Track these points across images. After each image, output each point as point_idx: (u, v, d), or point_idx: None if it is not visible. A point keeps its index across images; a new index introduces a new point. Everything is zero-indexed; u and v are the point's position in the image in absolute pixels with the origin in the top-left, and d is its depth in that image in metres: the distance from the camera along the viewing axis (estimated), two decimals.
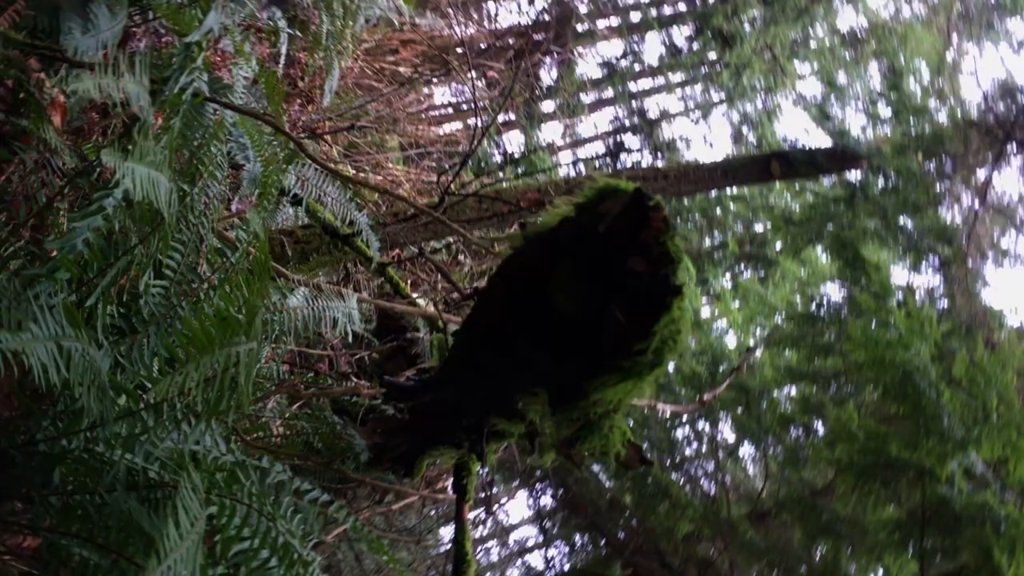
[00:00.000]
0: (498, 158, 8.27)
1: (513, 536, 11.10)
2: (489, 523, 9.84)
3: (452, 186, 5.22)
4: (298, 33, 4.83)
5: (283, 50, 5.27)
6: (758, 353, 7.11)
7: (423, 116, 7.44)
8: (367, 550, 2.96)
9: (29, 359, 1.71)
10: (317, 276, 5.94)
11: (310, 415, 4.04)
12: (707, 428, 7.57)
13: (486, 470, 4.09)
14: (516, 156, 8.30)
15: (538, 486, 8.16)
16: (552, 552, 8.65)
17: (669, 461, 7.35)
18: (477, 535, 9.88)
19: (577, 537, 7.82)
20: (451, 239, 6.52)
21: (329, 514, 2.83)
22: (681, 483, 7.20)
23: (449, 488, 4.12)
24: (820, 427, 7.03)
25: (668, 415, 5.88)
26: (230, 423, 2.64)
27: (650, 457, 2.03)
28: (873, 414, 5.81)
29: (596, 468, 6.95)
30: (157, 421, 2.10)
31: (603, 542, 7.06)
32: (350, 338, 3.73)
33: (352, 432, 3.92)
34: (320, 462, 4.24)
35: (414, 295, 6.67)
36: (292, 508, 2.91)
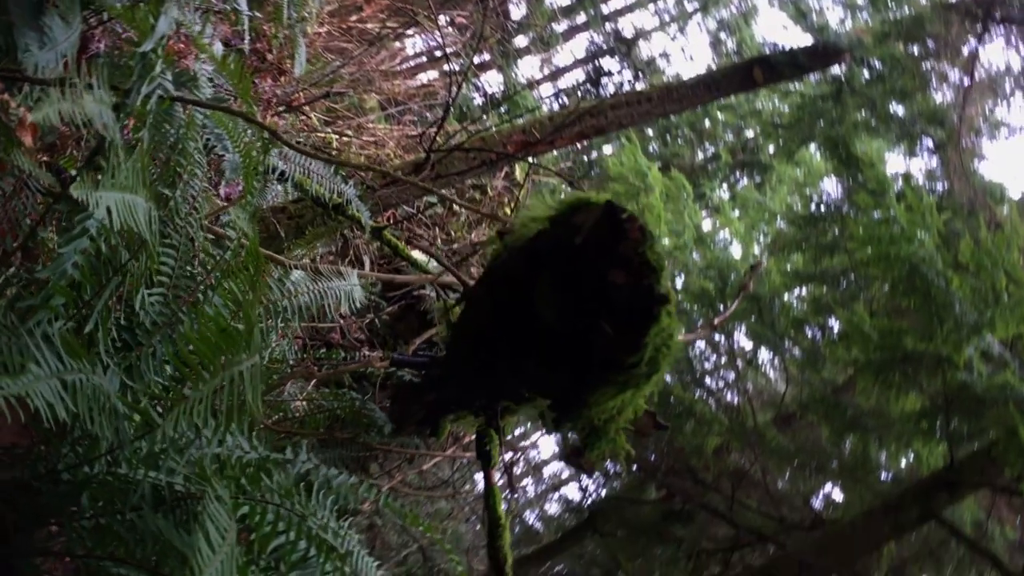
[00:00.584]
0: (479, 101, 8.19)
1: (547, 471, 11.25)
2: (521, 462, 9.96)
3: (437, 139, 5.17)
4: (257, 15, 4.74)
5: (245, 27, 5.20)
6: (764, 261, 7.08)
7: (398, 71, 7.35)
8: (403, 521, 2.99)
9: (34, 400, 1.72)
10: (315, 249, 5.94)
11: (329, 392, 4.07)
12: (723, 340, 7.59)
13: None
14: (497, 97, 8.21)
15: None
16: (587, 482, 8.77)
17: (689, 378, 7.38)
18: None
19: (609, 465, 7.91)
20: (445, 191, 6.48)
21: (360, 494, 2.86)
22: (704, 398, 7.24)
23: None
24: (835, 323, 7.05)
25: (686, 339, 5.88)
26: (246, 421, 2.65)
27: (664, 422, 2.03)
28: (884, 310, 5.81)
29: None
30: (174, 436, 2.12)
31: (635, 467, 7.13)
32: (358, 304, 3.74)
33: (372, 406, 3.95)
34: (345, 436, 4.28)
35: (413, 253, 6.66)
36: (324, 490, 2.94)
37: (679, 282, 7.55)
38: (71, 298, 2.34)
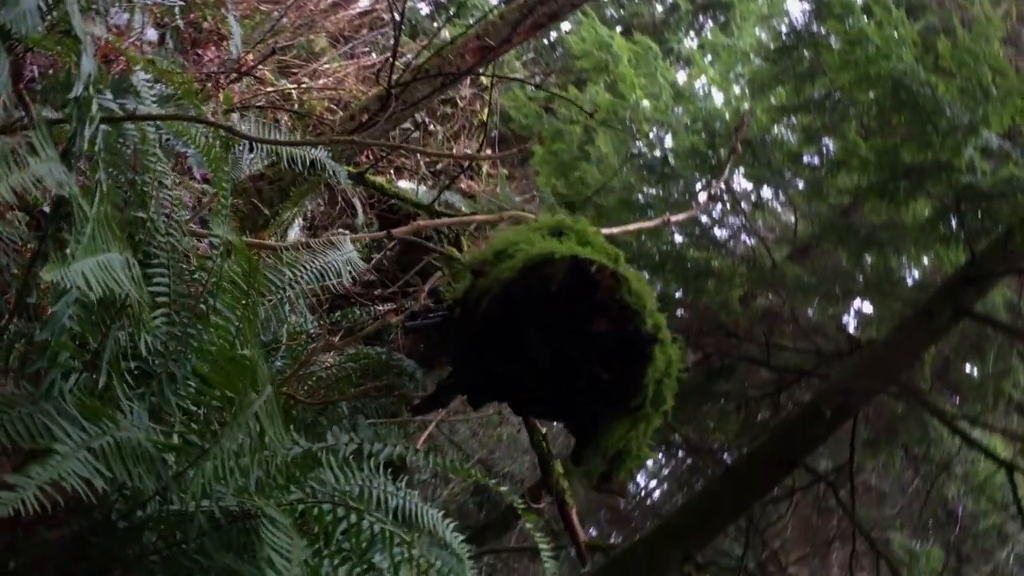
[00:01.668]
0: (426, 10, 7.98)
1: None
2: None
3: (395, 65, 5.06)
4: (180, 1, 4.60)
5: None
6: (746, 104, 6.97)
7: (337, 3, 7.14)
8: (449, 471, 3.04)
9: (68, 481, 1.73)
10: (304, 207, 5.89)
11: (354, 354, 4.10)
12: (723, 188, 7.53)
13: None
14: (444, 2, 7.99)
15: None
16: None
17: (699, 234, 7.35)
18: None
19: None
20: (416, 116, 6.38)
21: (409, 461, 2.91)
22: (719, 252, 7.22)
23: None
24: (830, 145, 6.97)
25: (681, 221, 5.84)
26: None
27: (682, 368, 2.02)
28: (877, 130, 5.73)
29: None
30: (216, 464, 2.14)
31: None
32: (358, 270, 3.72)
33: (398, 356, 3.99)
34: (379, 385, 4.33)
35: (400, 183, 6.61)
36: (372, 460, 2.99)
37: (667, 142, 7.47)
38: (76, 352, 2.35)
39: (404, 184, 6.59)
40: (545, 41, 8.80)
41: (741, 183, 7.78)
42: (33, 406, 2.14)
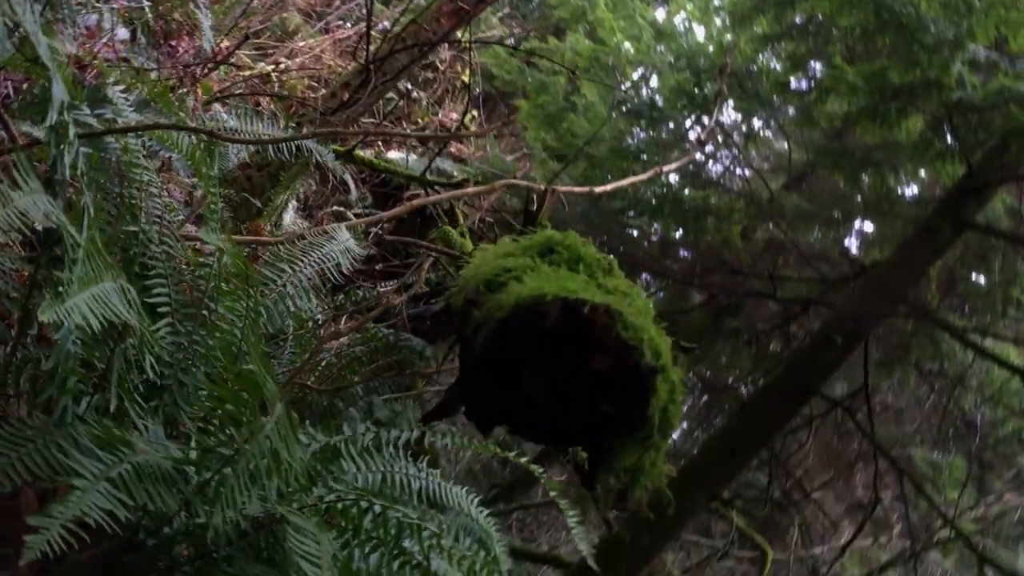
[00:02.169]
0: None
1: None
2: None
3: (372, 36, 5.01)
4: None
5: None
6: (728, 36, 6.87)
7: None
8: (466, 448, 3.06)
9: (91, 514, 1.75)
10: (296, 190, 5.86)
11: (361, 337, 4.11)
12: (712, 122, 7.46)
13: None
14: None
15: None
16: None
17: (694, 173, 7.30)
18: None
19: (643, 276, 7.96)
20: (399, 85, 6.31)
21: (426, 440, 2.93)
22: (715, 188, 7.18)
23: None
24: (817, 69, 6.89)
25: (673, 169, 5.78)
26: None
27: (688, 344, 1.99)
28: (863, 54, 5.66)
29: (630, 219, 6.98)
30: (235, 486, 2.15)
31: (669, 281, 7.19)
32: (357, 257, 3.71)
33: (405, 336, 4.00)
34: (389, 363, 4.35)
35: (390, 154, 6.57)
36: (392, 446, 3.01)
37: (653, 82, 7.40)
38: (84, 376, 2.35)
39: (393, 154, 6.55)
40: None
41: (731, 115, 7.72)
42: (48, 436, 2.15)
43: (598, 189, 4.07)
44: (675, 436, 11.84)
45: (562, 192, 3.64)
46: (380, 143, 6.23)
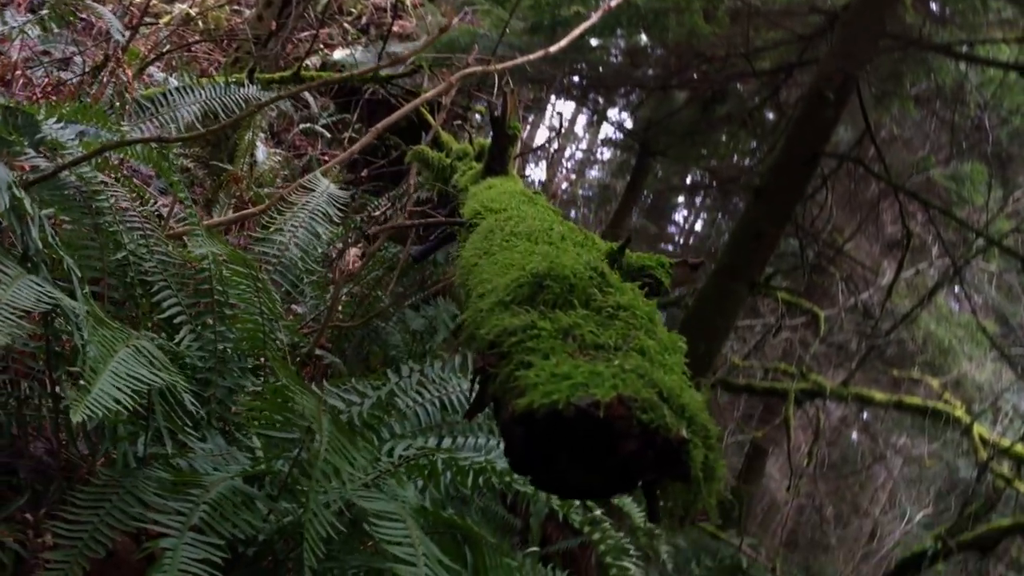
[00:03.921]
0: None
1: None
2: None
3: None
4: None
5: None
6: None
7: None
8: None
9: (190, 572, 1.80)
10: (259, 124, 5.74)
11: (374, 263, 4.11)
12: None
13: None
14: None
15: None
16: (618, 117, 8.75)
17: None
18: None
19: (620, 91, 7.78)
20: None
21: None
22: None
23: None
24: None
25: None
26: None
27: (697, 261, 1.93)
28: None
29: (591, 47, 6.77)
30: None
31: (649, 91, 7.03)
32: (342, 200, 3.66)
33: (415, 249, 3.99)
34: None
35: (335, 54, 6.38)
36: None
37: None
38: (131, 417, 2.37)
39: (339, 54, 6.36)
40: None
41: None
42: (121, 490, 2.19)
43: (552, 49, 3.93)
44: (697, 227, 11.91)
45: (520, 63, 3.53)
46: (324, 47, 6.04)
